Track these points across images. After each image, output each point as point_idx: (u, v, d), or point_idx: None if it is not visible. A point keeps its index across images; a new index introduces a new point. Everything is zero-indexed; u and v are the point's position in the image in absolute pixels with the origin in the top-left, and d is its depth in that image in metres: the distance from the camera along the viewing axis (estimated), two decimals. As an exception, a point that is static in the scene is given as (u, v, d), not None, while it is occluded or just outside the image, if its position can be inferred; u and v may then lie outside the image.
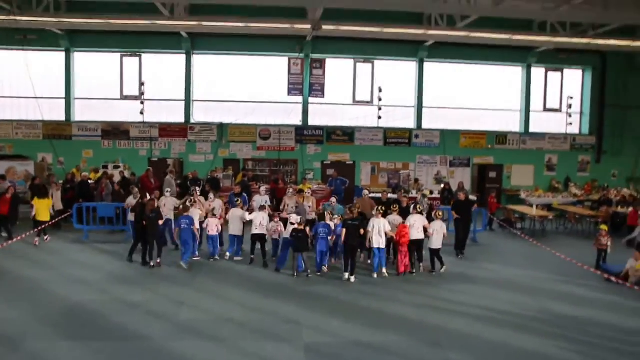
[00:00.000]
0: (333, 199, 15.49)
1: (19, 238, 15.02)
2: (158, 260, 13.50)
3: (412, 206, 14.38)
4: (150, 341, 8.94)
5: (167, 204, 15.01)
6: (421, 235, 13.52)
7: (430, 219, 13.93)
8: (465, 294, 12.05)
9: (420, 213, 13.87)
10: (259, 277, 12.91)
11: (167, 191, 15.73)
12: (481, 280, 13.18)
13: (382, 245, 13.05)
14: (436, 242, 13.66)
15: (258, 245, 13.88)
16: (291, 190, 16.17)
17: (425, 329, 9.90)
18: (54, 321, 9.75)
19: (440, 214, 14.08)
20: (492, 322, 10.30)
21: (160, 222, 13.55)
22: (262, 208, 14.28)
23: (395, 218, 13.71)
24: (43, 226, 15.48)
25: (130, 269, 13.26)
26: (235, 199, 15.20)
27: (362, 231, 12.82)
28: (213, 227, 14.10)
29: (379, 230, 12.93)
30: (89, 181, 19.01)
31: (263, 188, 16.43)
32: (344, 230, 12.64)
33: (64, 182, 18.28)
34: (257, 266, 13.60)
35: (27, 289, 11.55)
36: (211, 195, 15.37)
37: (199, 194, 15.40)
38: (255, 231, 13.75)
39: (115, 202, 16.86)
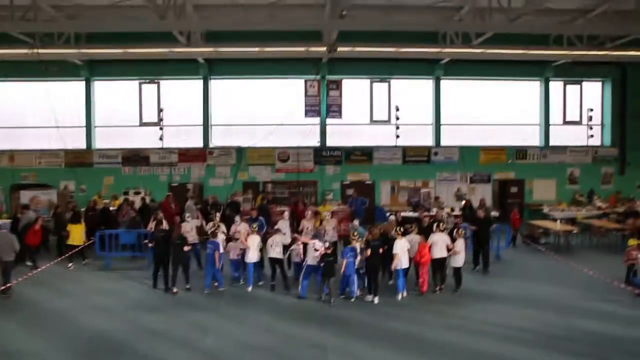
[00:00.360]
0: (356, 222, 15.39)
1: (43, 267, 15.20)
2: (188, 286, 13.50)
3: (434, 224, 14.16)
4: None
5: (190, 229, 15.02)
6: (444, 254, 13.32)
7: (452, 238, 13.66)
8: (491, 312, 11.88)
9: (443, 231, 13.70)
10: (281, 301, 12.81)
11: (188, 216, 15.75)
12: (507, 298, 12.95)
13: (406, 265, 12.91)
14: (459, 261, 13.47)
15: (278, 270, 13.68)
16: (309, 212, 16.10)
17: (452, 350, 9.75)
18: (79, 351, 9.77)
19: (462, 232, 13.90)
20: (520, 341, 10.11)
21: (186, 249, 13.55)
22: (276, 231, 14.08)
23: (414, 237, 13.49)
24: (74, 250, 15.89)
25: (154, 296, 13.25)
26: (253, 224, 15.05)
27: (381, 250, 12.76)
28: (235, 251, 13.97)
29: (402, 251, 12.77)
30: (111, 208, 19.23)
31: (286, 212, 16.14)
32: (368, 250, 12.56)
33: (86, 209, 18.46)
34: (280, 291, 13.45)
35: (51, 318, 11.61)
36: (237, 218, 15.20)
37: (218, 218, 15.39)
38: (271, 255, 13.54)
39: (133, 228, 16.90)
